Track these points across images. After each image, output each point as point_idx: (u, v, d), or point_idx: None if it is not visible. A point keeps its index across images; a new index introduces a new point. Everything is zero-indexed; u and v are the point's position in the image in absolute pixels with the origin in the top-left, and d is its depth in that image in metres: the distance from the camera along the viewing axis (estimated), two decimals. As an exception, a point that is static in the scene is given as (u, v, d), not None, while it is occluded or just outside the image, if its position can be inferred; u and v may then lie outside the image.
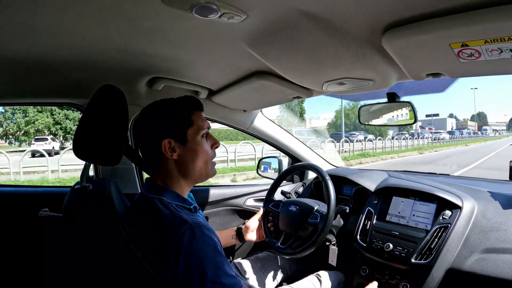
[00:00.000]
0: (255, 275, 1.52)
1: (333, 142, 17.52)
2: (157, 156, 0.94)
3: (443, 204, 1.32)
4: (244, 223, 1.59)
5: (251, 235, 1.57)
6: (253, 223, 1.57)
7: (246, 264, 1.54)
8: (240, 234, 1.54)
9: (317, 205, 1.50)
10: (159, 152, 0.93)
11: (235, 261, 1.57)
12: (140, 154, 1.04)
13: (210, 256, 0.81)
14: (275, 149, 2.13)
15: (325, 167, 2.06)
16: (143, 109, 0.99)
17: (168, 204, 0.90)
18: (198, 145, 0.96)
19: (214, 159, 1.03)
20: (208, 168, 1.00)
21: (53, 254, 1.40)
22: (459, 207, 1.28)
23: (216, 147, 1.03)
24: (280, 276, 1.63)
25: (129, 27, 0.89)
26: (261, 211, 1.62)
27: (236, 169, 10.40)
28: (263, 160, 2.24)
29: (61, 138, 22.86)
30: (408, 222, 1.37)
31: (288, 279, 1.68)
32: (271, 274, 1.59)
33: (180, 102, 0.98)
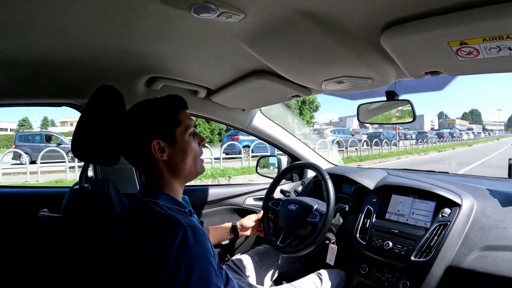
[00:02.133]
0: (253, 270, 1.53)
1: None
2: (147, 157, 0.94)
3: (442, 202, 1.32)
4: (240, 220, 1.61)
5: (246, 232, 1.60)
6: (248, 223, 1.59)
7: (244, 260, 1.55)
8: (235, 231, 1.56)
9: (317, 204, 1.51)
10: (149, 153, 0.93)
11: (233, 258, 1.57)
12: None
13: (199, 262, 0.80)
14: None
15: (324, 165, 2.06)
16: (130, 109, 0.98)
17: (164, 206, 0.90)
18: (187, 144, 0.97)
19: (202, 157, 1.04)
20: (197, 165, 1.00)
21: (52, 255, 1.40)
22: (458, 205, 1.28)
23: (203, 145, 1.04)
24: (278, 270, 1.64)
25: (127, 27, 0.89)
26: (260, 214, 1.63)
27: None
28: (262, 159, 2.24)
29: None
30: (407, 220, 1.37)
31: (288, 277, 1.68)
32: (268, 268, 1.60)
33: (165, 102, 0.98)
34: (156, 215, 0.88)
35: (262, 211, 1.64)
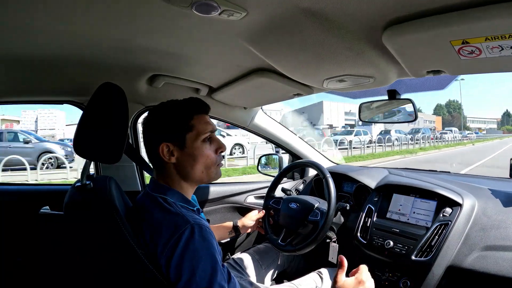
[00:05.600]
0: (254, 269, 1.53)
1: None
2: (158, 159, 0.96)
3: (443, 202, 1.32)
4: (240, 219, 1.61)
5: (247, 230, 1.60)
6: (249, 222, 1.59)
7: (245, 258, 1.55)
8: (237, 231, 1.57)
9: (318, 203, 1.51)
10: (158, 155, 0.94)
11: (234, 256, 1.58)
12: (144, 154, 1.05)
13: (204, 260, 0.81)
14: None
15: (325, 164, 2.06)
16: (150, 109, 1.01)
17: (172, 203, 0.91)
18: (197, 150, 0.96)
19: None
20: (210, 172, 0.99)
21: (53, 252, 1.41)
22: (459, 205, 1.28)
23: (221, 152, 1.02)
24: (278, 268, 1.64)
25: (129, 25, 0.89)
26: (261, 213, 1.63)
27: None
28: (264, 157, 2.24)
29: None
30: (408, 219, 1.37)
31: (288, 275, 1.68)
32: (269, 266, 1.60)
33: (181, 106, 0.98)
34: (163, 211, 0.89)
35: (263, 210, 1.64)
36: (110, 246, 0.92)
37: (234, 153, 13.28)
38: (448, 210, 1.28)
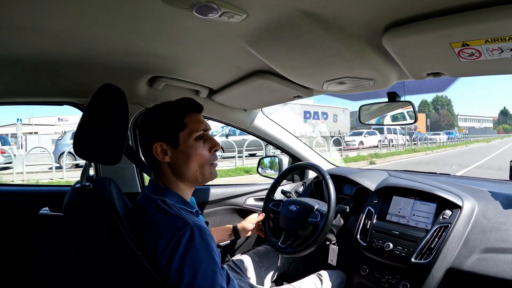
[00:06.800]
0: (254, 271, 1.53)
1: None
2: (153, 159, 0.96)
3: (443, 204, 1.32)
4: (240, 222, 1.60)
5: (247, 233, 1.60)
6: (249, 226, 1.58)
7: (244, 260, 1.55)
8: (236, 234, 1.56)
9: (318, 205, 1.50)
10: (153, 155, 0.95)
11: (234, 258, 1.57)
12: (141, 156, 1.06)
13: (204, 262, 0.82)
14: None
15: (325, 166, 2.06)
16: (143, 113, 1.01)
17: (172, 205, 0.91)
18: (190, 148, 0.96)
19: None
20: (204, 171, 0.99)
21: (53, 253, 1.40)
22: (459, 207, 1.28)
23: (216, 150, 1.02)
24: (278, 270, 1.64)
25: (129, 26, 0.90)
26: (261, 216, 1.62)
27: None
28: (264, 159, 2.24)
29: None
30: (408, 221, 1.37)
31: (288, 277, 1.68)
32: (269, 268, 1.60)
33: (174, 105, 0.98)
34: (162, 213, 0.89)
35: (263, 214, 1.64)
36: (109, 247, 0.92)
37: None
38: (448, 212, 1.28)
